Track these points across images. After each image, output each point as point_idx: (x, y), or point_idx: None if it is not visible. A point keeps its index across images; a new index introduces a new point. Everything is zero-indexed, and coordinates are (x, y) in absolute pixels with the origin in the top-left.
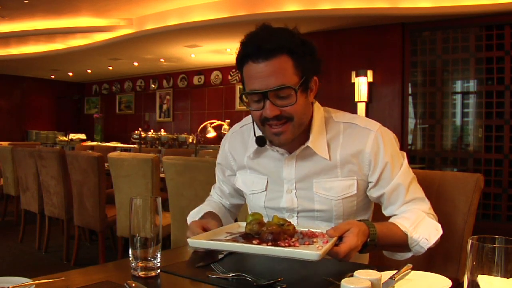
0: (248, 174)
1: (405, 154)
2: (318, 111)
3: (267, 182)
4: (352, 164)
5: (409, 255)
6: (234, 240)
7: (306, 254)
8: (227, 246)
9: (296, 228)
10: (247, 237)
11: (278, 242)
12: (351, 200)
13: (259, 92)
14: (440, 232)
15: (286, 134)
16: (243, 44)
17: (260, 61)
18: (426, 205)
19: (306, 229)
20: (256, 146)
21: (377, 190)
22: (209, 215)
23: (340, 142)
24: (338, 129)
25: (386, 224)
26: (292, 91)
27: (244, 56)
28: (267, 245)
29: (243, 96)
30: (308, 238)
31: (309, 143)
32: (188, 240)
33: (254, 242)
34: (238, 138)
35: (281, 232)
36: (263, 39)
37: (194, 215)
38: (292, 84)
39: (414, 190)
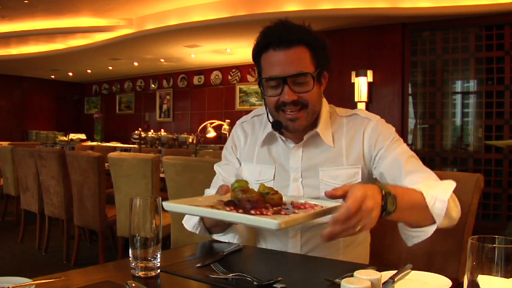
0: (254, 165)
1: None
2: (325, 105)
3: (275, 171)
4: (356, 151)
5: (430, 229)
6: (212, 206)
7: (264, 221)
8: (195, 211)
9: (284, 199)
10: (229, 204)
11: (251, 211)
12: None
13: (278, 78)
14: (454, 183)
15: (301, 120)
16: (263, 34)
17: (281, 49)
18: (433, 175)
19: (303, 201)
20: (265, 135)
21: (378, 167)
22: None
23: (344, 133)
24: (342, 123)
25: (396, 186)
26: (310, 78)
27: (265, 45)
28: (237, 212)
29: (261, 83)
30: (296, 209)
31: (318, 129)
32: (163, 203)
33: (227, 208)
34: (249, 127)
35: (260, 200)
36: (284, 30)
37: (190, 217)
38: (310, 72)
39: (416, 163)
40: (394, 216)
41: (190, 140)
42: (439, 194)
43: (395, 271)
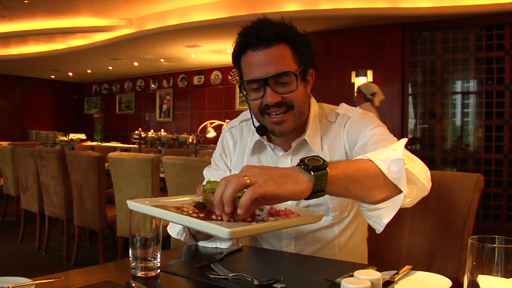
0: None
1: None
2: (314, 106)
3: None
4: (339, 152)
5: (397, 199)
6: (178, 208)
7: (214, 228)
8: (156, 212)
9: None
10: (198, 206)
11: (212, 216)
12: None
13: (259, 80)
14: (405, 139)
15: (287, 123)
16: (241, 35)
17: (260, 49)
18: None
19: (283, 208)
20: (253, 143)
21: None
22: None
23: (329, 136)
24: (330, 128)
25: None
26: (293, 77)
27: (243, 46)
28: (198, 217)
29: (243, 86)
30: (270, 216)
31: (306, 136)
32: (127, 201)
33: (190, 212)
34: (238, 133)
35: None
36: (262, 29)
37: (174, 224)
38: (293, 71)
39: (382, 140)
40: (340, 182)
41: (190, 140)
42: (391, 155)
43: (395, 271)
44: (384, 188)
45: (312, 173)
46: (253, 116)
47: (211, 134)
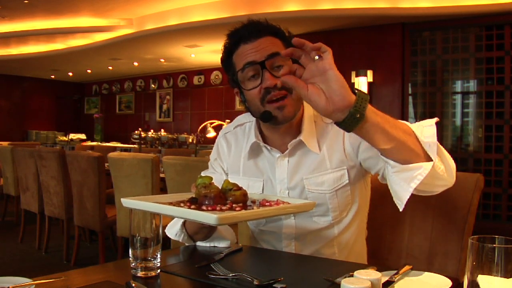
0: (241, 178)
1: None
2: (308, 107)
3: (263, 184)
4: (338, 153)
5: (427, 164)
6: (171, 203)
7: (202, 216)
8: (147, 206)
9: (256, 197)
10: (191, 201)
11: (202, 207)
12: (345, 190)
13: (255, 63)
14: (435, 118)
15: (288, 108)
16: (231, 35)
17: (252, 41)
18: None
19: (275, 199)
20: (249, 147)
21: (360, 152)
22: None
23: (327, 138)
24: (327, 129)
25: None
26: (288, 60)
27: (235, 42)
28: (190, 208)
29: (238, 79)
30: (261, 206)
31: (302, 137)
32: (122, 199)
33: (181, 205)
34: (233, 138)
35: (219, 197)
36: (251, 25)
37: (173, 225)
38: None
39: None
40: (377, 118)
41: (190, 140)
42: (424, 123)
43: (395, 271)
44: (415, 150)
45: (356, 91)
46: (253, 112)
47: (211, 134)
